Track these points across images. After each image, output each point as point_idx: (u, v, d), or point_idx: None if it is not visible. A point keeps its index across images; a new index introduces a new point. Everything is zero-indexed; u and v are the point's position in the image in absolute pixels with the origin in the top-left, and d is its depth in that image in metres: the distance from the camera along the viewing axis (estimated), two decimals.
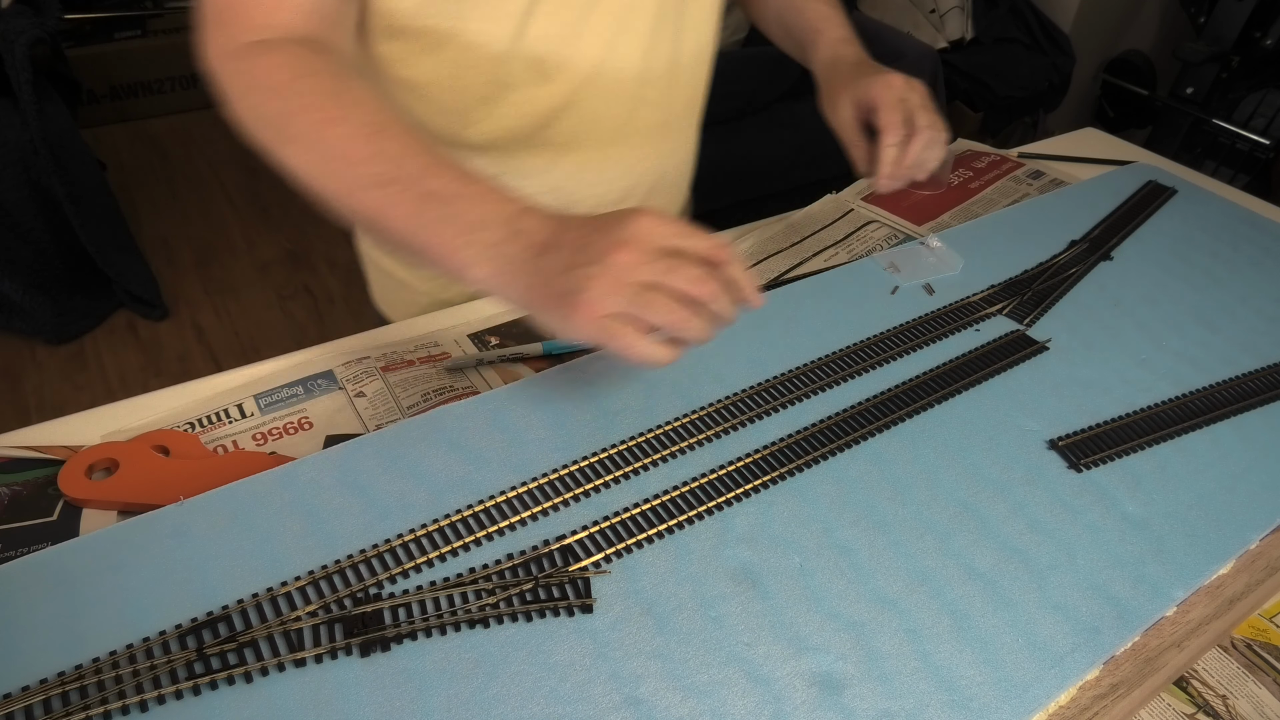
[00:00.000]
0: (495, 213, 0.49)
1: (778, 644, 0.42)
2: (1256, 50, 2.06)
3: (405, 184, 0.50)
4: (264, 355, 0.62)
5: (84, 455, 0.52)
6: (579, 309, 0.45)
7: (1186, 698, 0.46)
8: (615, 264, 0.45)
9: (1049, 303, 0.66)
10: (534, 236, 0.48)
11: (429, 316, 0.69)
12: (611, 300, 0.45)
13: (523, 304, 0.49)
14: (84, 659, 0.39)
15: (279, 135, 0.53)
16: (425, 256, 0.51)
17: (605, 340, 0.45)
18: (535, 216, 0.49)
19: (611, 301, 0.45)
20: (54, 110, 1.83)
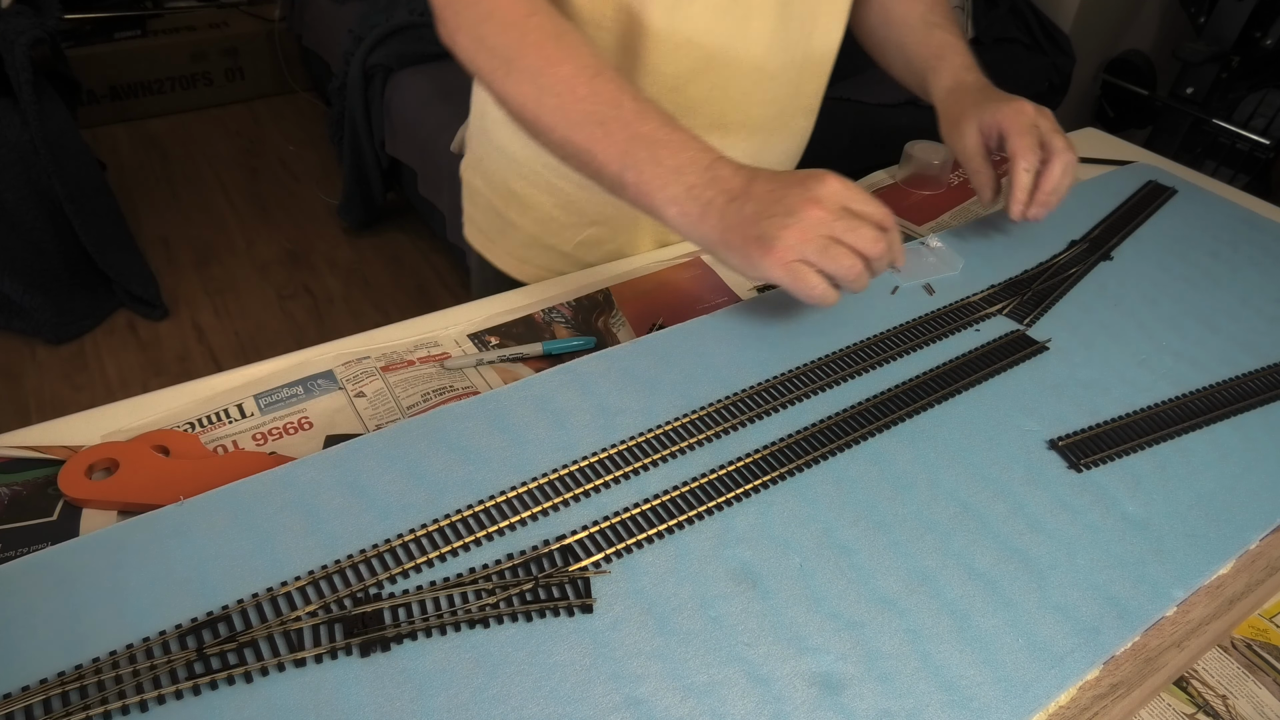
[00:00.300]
0: (694, 159, 0.56)
1: (778, 644, 0.42)
2: (1256, 50, 2.05)
3: (617, 124, 0.57)
4: (264, 355, 0.62)
5: (84, 455, 0.52)
6: (772, 252, 0.53)
7: (1186, 698, 0.46)
8: (807, 217, 0.53)
9: (1049, 303, 0.66)
10: (727, 184, 0.56)
11: (429, 316, 0.69)
12: (802, 248, 0.53)
13: (709, 243, 0.57)
14: (84, 659, 0.39)
15: (505, 65, 0.59)
16: (625, 191, 0.58)
17: (790, 280, 0.54)
18: (728, 166, 0.57)
19: (802, 249, 0.53)
20: (54, 110, 1.83)
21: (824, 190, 0.54)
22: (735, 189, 0.55)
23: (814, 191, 0.53)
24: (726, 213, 0.55)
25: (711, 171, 0.56)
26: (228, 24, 2.92)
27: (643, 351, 0.59)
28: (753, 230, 0.54)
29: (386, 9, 2.17)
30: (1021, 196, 0.67)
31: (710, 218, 0.56)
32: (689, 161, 0.56)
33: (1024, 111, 0.67)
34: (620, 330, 0.68)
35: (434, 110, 1.94)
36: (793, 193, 0.54)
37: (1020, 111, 0.67)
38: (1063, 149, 0.66)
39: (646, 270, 0.76)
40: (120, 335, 2.02)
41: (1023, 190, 0.67)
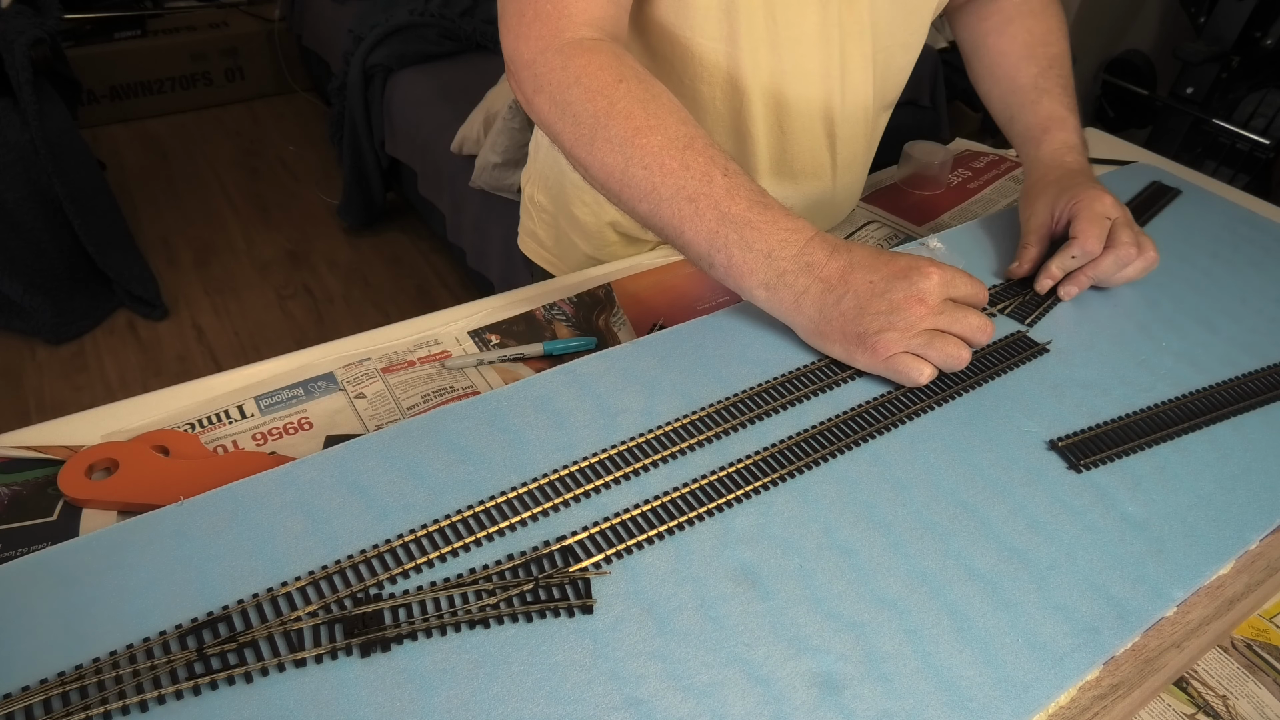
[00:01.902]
0: (786, 242, 0.55)
1: (778, 644, 0.42)
2: (1256, 50, 2.06)
3: (707, 202, 0.55)
4: (264, 355, 0.62)
5: (84, 455, 0.52)
6: (875, 351, 0.53)
7: (1186, 698, 0.46)
8: (911, 315, 0.53)
9: (1050, 303, 0.66)
10: (822, 271, 0.54)
11: (429, 315, 0.69)
12: (905, 344, 0.53)
13: (803, 332, 0.56)
14: (84, 659, 0.39)
15: (591, 134, 0.57)
16: (714, 271, 0.57)
17: (892, 373, 0.54)
18: (823, 248, 0.55)
19: (906, 344, 0.53)
20: (54, 110, 1.83)
21: (927, 286, 0.53)
22: (832, 278, 0.54)
23: (918, 287, 0.53)
24: (824, 304, 0.54)
25: (805, 256, 0.54)
26: (228, 24, 2.92)
27: (643, 351, 0.59)
28: (853, 328, 0.53)
29: (386, 9, 2.17)
30: (1055, 273, 0.64)
31: (806, 308, 0.55)
32: (780, 245, 0.55)
33: (1101, 200, 0.64)
34: (621, 330, 0.68)
35: (434, 110, 1.94)
36: (896, 287, 0.53)
37: (1097, 199, 0.65)
38: (1126, 243, 0.63)
39: (649, 265, 0.76)
40: (120, 335, 2.02)
41: (1059, 268, 0.64)
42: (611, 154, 0.57)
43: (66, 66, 1.99)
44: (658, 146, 0.56)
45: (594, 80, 0.57)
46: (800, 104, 0.72)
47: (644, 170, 0.56)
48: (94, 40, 2.70)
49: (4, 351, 1.94)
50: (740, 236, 0.55)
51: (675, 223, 0.56)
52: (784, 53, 0.68)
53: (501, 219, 1.69)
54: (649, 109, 0.56)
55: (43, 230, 1.83)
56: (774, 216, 0.55)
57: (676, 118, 0.57)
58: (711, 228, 0.55)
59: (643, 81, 0.58)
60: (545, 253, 0.92)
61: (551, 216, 0.88)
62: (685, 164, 0.55)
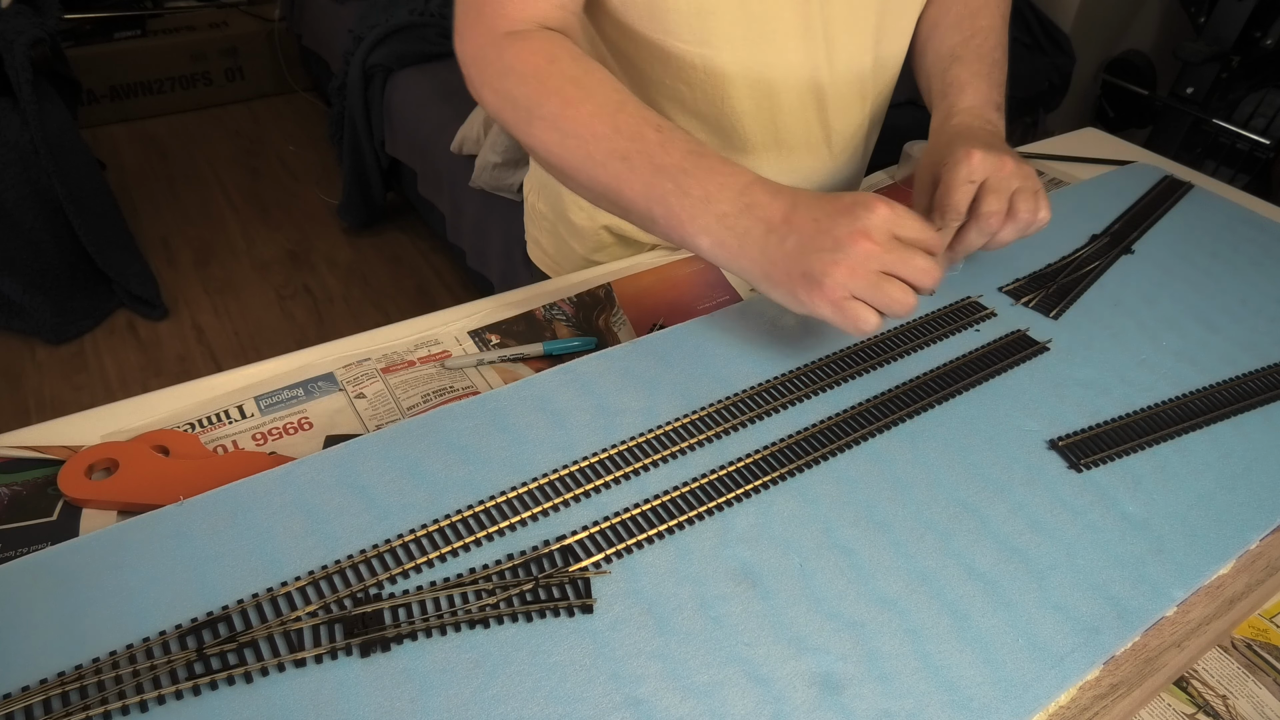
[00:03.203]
0: (725, 185, 0.53)
1: (778, 644, 0.42)
2: (1256, 50, 2.05)
3: (640, 158, 0.55)
4: (264, 355, 0.62)
5: (84, 455, 0.52)
6: (820, 291, 0.50)
7: (1186, 698, 0.46)
8: (857, 252, 0.50)
9: (1074, 295, 0.67)
10: (765, 211, 0.52)
11: (429, 316, 0.69)
12: (852, 284, 0.50)
13: (749, 276, 0.54)
14: (84, 659, 0.39)
15: (528, 115, 0.58)
16: (656, 226, 0.56)
17: (840, 318, 0.51)
18: (764, 190, 0.53)
19: (852, 285, 0.50)
20: (54, 110, 1.83)
21: (872, 220, 0.50)
22: (774, 218, 0.52)
23: (862, 222, 0.50)
24: (767, 245, 0.52)
25: (746, 198, 0.53)
26: (228, 24, 2.92)
27: (643, 351, 0.59)
28: (798, 266, 0.51)
29: (386, 9, 2.17)
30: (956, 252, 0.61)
31: (749, 250, 0.53)
32: (718, 188, 0.53)
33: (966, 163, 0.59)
34: (621, 329, 0.68)
35: (434, 110, 1.94)
36: (839, 223, 0.50)
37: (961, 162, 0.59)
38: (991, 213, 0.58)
39: (648, 265, 0.76)
40: (120, 335, 2.02)
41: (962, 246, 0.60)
42: (547, 131, 0.57)
43: (66, 66, 1.99)
44: (588, 115, 0.56)
45: (526, 65, 0.58)
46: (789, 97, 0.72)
47: (577, 140, 0.56)
48: (94, 40, 2.70)
49: (4, 351, 1.94)
50: (676, 185, 0.54)
51: (614, 185, 0.56)
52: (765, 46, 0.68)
53: (501, 219, 1.69)
54: (580, 83, 0.57)
55: (43, 230, 1.83)
56: (710, 163, 0.54)
57: (607, 87, 0.57)
58: (647, 180, 0.54)
59: (576, 60, 0.58)
60: (548, 259, 0.92)
61: (551, 224, 0.89)
62: (616, 127, 0.56)
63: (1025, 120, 2.35)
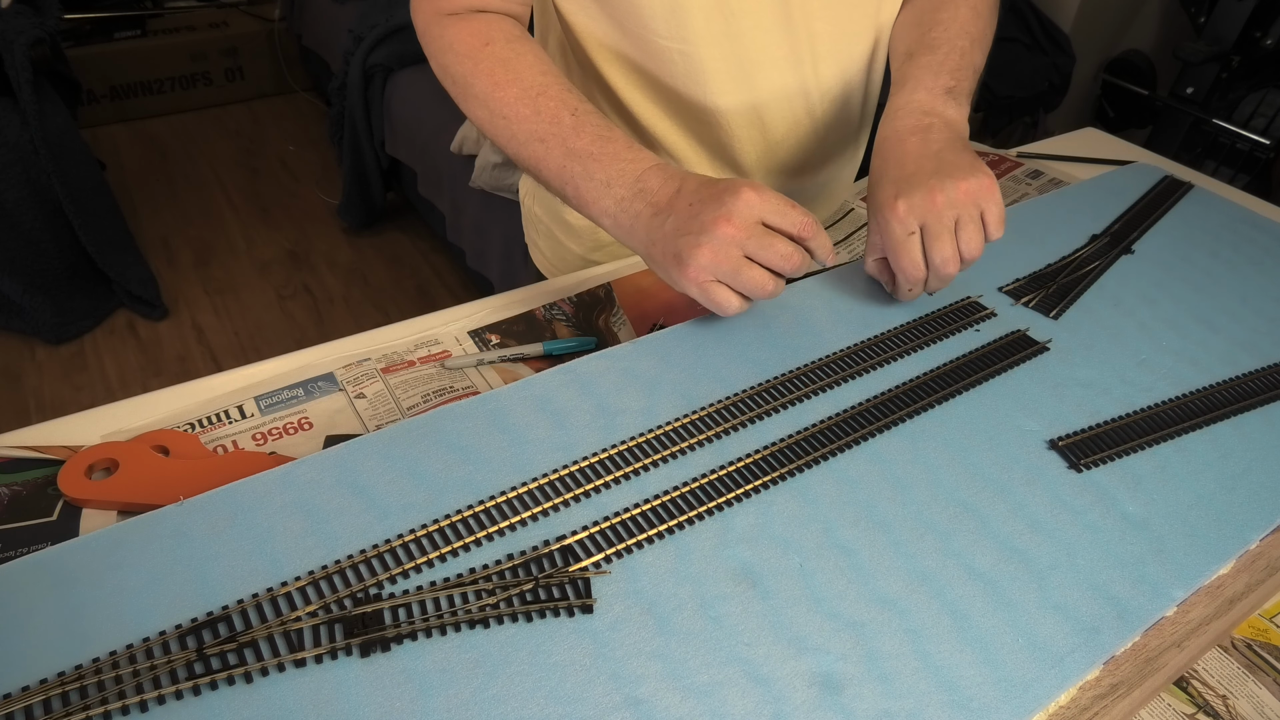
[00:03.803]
0: (623, 172, 0.58)
1: (778, 644, 0.42)
2: (1256, 50, 2.05)
3: (555, 140, 0.59)
4: (264, 355, 0.62)
5: (84, 455, 0.52)
6: (685, 272, 0.54)
7: (1186, 698, 0.46)
8: (718, 236, 0.53)
9: (1074, 295, 0.67)
10: (654, 196, 0.57)
11: (429, 316, 0.69)
12: (715, 268, 0.53)
13: (640, 255, 0.59)
14: (84, 659, 0.39)
15: (464, 92, 0.64)
16: (569, 204, 0.61)
17: (704, 298, 0.55)
18: (657, 176, 0.57)
19: (714, 269, 0.53)
20: (54, 110, 1.83)
21: (737, 205, 0.53)
22: (660, 202, 0.56)
23: (727, 207, 0.53)
24: (651, 226, 0.56)
25: (640, 184, 0.57)
26: (228, 24, 2.92)
27: (643, 351, 0.59)
28: (671, 248, 0.55)
29: (386, 9, 2.17)
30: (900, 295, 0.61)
31: (638, 231, 0.57)
32: (618, 174, 0.58)
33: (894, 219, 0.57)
34: (621, 330, 0.68)
35: (434, 110, 1.94)
36: (707, 209, 0.53)
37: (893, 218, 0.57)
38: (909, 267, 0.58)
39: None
40: (120, 335, 2.02)
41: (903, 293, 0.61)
42: (478, 108, 0.63)
43: (66, 66, 1.99)
44: (513, 97, 0.61)
45: (463, 45, 0.63)
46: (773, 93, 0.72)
47: (504, 120, 0.62)
48: (94, 40, 2.70)
49: (4, 351, 1.94)
50: (584, 169, 0.58)
51: (534, 164, 0.61)
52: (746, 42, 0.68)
53: (501, 219, 1.69)
54: (509, 66, 0.62)
55: (43, 230, 1.83)
56: (616, 149, 0.58)
57: (535, 69, 0.62)
58: (560, 163, 0.59)
59: (510, 43, 0.63)
60: (546, 262, 0.92)
61: (547, 227, 0.89)
62: (537, 110, 0.60)
63: (1025, 120, 2.35)
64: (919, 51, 0.67)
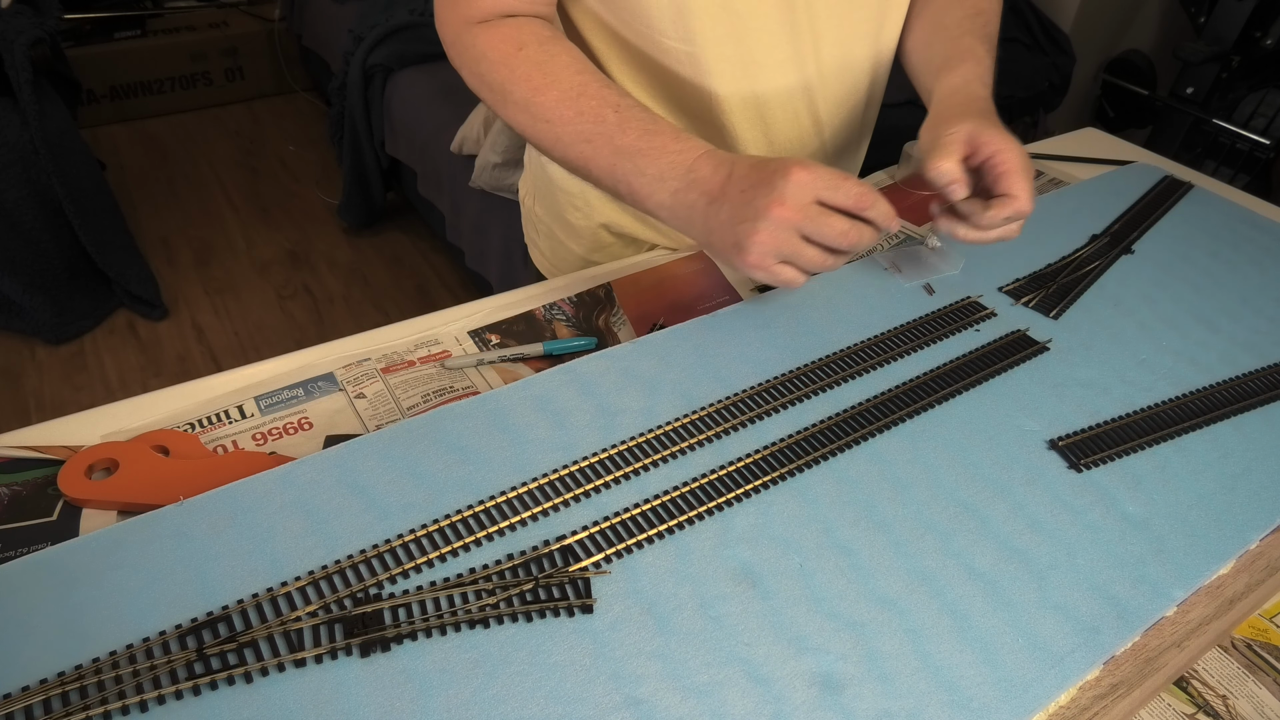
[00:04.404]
0: (673, 164, 0.58)
1: (778, 644, 0.42)
2: (1256, 50, 2.05)
3: (602, 140, 0.60)
4: (264, 355, 0.62)
5: (84, 455, 0.52)
6: (747, 258, 0.55)
7: (1186, 698, 0.46)
8: (774, 219, 0.53)
9: (1074, 295, 0.67)
10: (706, 185, 0.57)
11: (429, 316, 0.69)
12: (775, 249, 0.54)
13: (699, 244, 0.60)
14: (84, 659, 0.39)
15: (502, 99, 0.64)
16: (622, 200, 0.62)
17: (768, 279, 0.56)
18: (708, 163, 0.58)
19: (775, 250, 0.54)
20: (54, 110, 1.83)
21: (788, 188, 0.53)
22: (714, 190, 0.57)
23: (779, 190, 0.53)
24: (708, 216, 0.57)
25: (692, 173, 0.58)
26: (228, 24, 2.92)
27: (643, 351, 0.59)
28: (729, 236, 0.55)
29: (386, 9, 2.17)
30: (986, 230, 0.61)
31: (695, 222, 0.58)
32: (669, 167, 0.58)
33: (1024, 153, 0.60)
34: (621, 329, 0.68)
35: (434, 110, 1.94)
36: (760, 193, 0.54)
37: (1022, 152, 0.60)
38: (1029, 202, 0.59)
39: (649, 265, 0.75)
40: (120, 335, 2.02)
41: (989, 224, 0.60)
42: (519, 114, 0.63)
43: (66, 66, 1.99)
44: (554, 100, 0.61)
45: (496, 52, 0.63)
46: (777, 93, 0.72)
47: (546, 124, 0.62)
48: (94, 40, 2.70)
49: (4, 351, 1.94)
50: (634, 165, 0.59)
51: (581, 165, 0.62)
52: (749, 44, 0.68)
53: (501, 219, 1.69)
54: (545, 69, 0.62)
55: (43, 230, 1.83)
56: (663, 141, 0.59)
57: (572, 69, 0.62)
58: (610, 162, 0.60)
59: (543, 45, 0.62)
60: (547, 263, 0.92)
61: (547, 227, 0.89)
62: (579, 111, 0.60)
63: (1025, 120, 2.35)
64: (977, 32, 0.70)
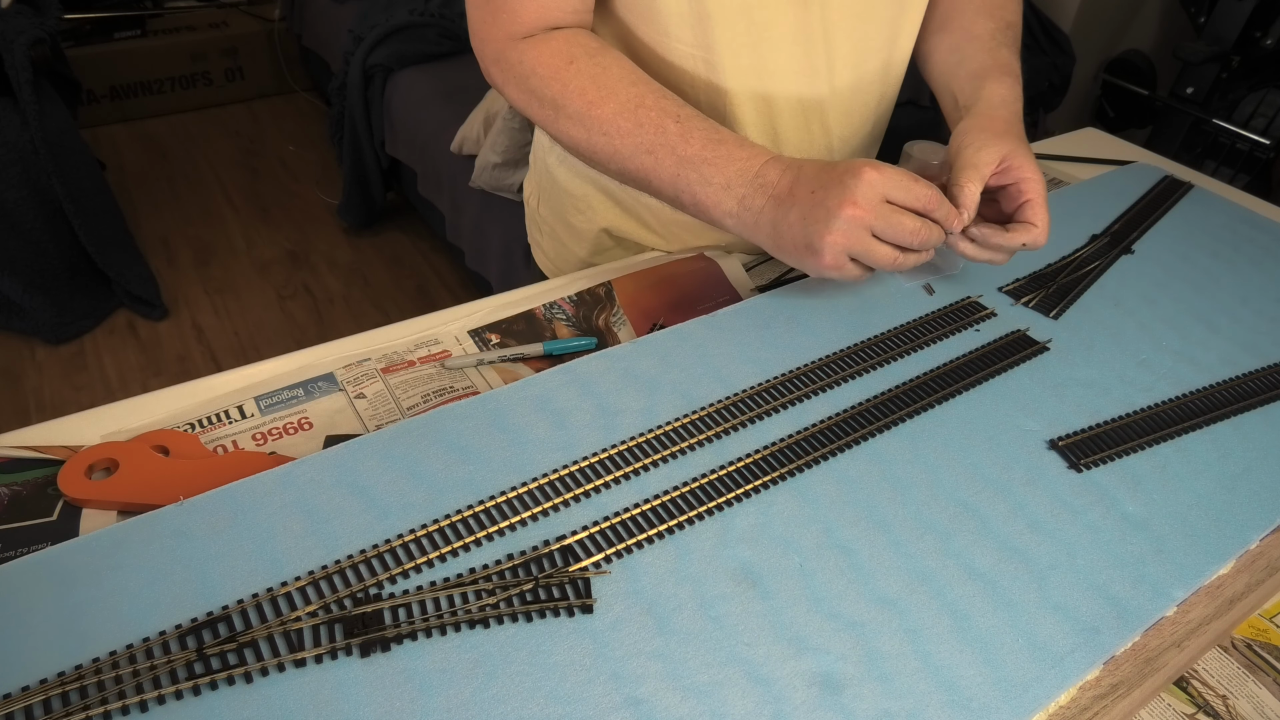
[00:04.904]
0: (741, 172, 0.58)
1: (778, 644, 0.42)
2: (1256, 50, 2.05)
3: (664, 151, 0.60)
4: (264, 355, 0.62)
5: (84, 455, 0.52)
6: (820, 260, 0.56)
7: (1186, 698, 0.46)
8: (845, 218, 0.54)
9: (1074, 295, 0.67)
10: (774, 189, 0.58)
11: (429, 315, 0.69)
12: (847, 248, 0.55)
13: (769, 249, 0.60)
14: (84, 659, 0.39)
15: (555, 115, 0.63)
16: (686, 211, 0.62)
17: (840, 278, 0.58)
18: (775, 168, 0.58)
19: (848, 249, 0.55)
20: (54, 110, 1.83)
21: (860, 187, 0.54)
22: (781, 193, 0.57)
23: (850, 190, 0.54)
24: (776, 218, 0.57)
25: (759, 179, 0.58)
26: (228, 24, 2.92)
27: (643, 351, 0.59)
28: (800, 238, 0.56)
29: (386, 9, 2.17)
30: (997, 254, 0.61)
31: (763, 226, 0.58)
32: (736, 175, 0.58)
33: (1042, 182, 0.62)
34: (621, 329, 0.68)
35: (434, 110, 1.94)
36: (831, 194, 0.55)
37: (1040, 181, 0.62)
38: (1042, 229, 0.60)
39: (649, 264, 0.76)
40: (120, 335, 2.02)
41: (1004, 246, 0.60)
42: (574, 128, 0.62)
43: (66, 66, 1.99)
44: (611, 113, 0.61)
45: (547, 67, 0.62)
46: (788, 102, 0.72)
47: (604, 137, 0.61)
48: (94, 40, 2.70)
49: (4, 351, 1.94)
50: (699, 175, 0.59)
51: (643, 176, 0.61)
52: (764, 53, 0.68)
53: (501, 219, 1.69)
54: (599, 82, 0.61)
55: (43, 230, 1.83)
56: (728, 150, 0.59)
57: (626, 80, 0.61)
58: (673, 173, 0.60)
59: (593, 57, 0.62)
60: (549, 263, 0.92)
61: (551, 227, 0.89)
62: (639, 122, 0.60)
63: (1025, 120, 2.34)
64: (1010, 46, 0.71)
